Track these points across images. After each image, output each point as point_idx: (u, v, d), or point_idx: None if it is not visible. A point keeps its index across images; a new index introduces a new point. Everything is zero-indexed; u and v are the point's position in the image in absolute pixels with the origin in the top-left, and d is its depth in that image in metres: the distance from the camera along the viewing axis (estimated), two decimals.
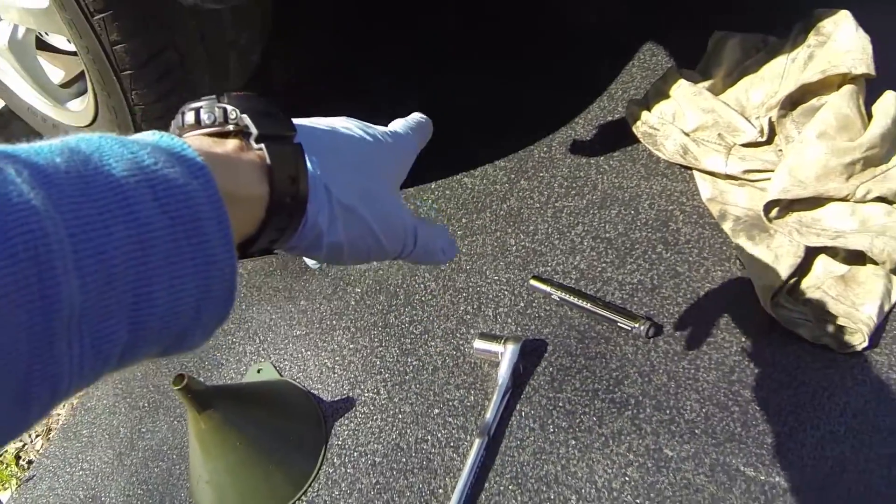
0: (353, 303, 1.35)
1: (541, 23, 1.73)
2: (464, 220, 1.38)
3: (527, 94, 1.59)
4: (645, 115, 1.38)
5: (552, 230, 1.35)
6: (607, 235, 1.33)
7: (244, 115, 0.47)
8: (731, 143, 1.34)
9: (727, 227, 1.31)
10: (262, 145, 0.47)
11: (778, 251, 1.24)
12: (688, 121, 1.36)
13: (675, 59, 1.57)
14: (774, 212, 1.24)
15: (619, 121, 1.47)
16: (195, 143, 0.43)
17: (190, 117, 0.48)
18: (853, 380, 1.19)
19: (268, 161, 0.47)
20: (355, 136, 0.59)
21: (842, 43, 1.29)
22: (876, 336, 1.21)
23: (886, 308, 1.22)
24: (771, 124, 1.30)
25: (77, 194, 0.34)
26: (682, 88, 1.37)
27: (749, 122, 1.34)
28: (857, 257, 1.23)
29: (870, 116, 1.28)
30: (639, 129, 1.38)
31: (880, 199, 1.23)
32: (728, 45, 1.45)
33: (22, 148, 0.35)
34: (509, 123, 1.53)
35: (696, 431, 1.16)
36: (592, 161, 1.43)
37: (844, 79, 1.28)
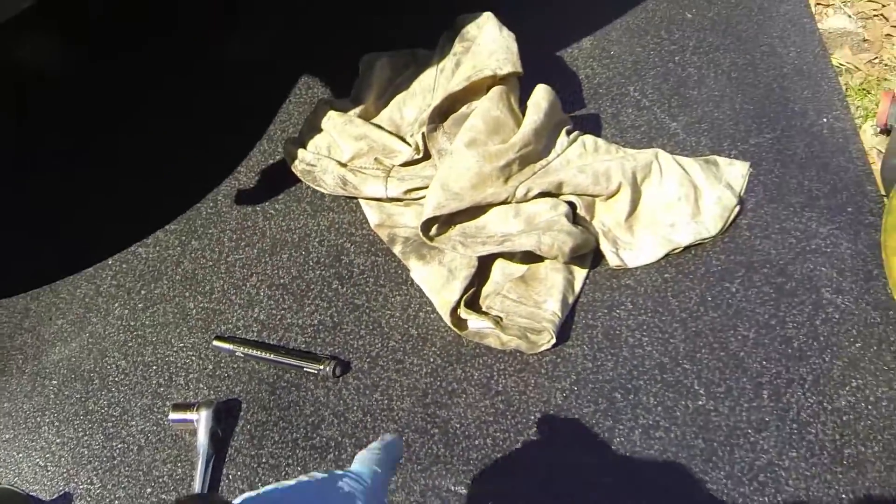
0: (52, 396, 1.27)
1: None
2: (143, 292, 1.32)
3: (184, 148, 1.52)
4: (301, 152, 1.34)
5: (228, 286, 1.31)
6: (282, 281, 1.29)
7: None
8: (389, 165, 1.31)
9: (397, 250, 1.27)
10: None
11: (451, 265, 1.21)
12: (343, 151, 1.33)
13: (331, 89, 1.55)
14: (434, 229, 1.21)
15: (280, 162, 1.43)
16: None
17: None
18: (549, 378, 1.17)
19: None
20: None
21: (485, 46, 1.29)
22: (566, 329, 1.20)
23: (571, 299, 1.21)
24: (425, 139, 1.28)
25: None
26: (332, 120, 1.34)
27: (404, 140, 1.32)
28: (534, 256, 1.22)
29: (523, 114, 1.28)
30: (297, 167, 1.34)
31: (544, 194, 1.23)
32: (377, 65, 1.43)
33: None
34: (173, 185, 1.48)
35: (400, 461, 1.11)
36: (259, 208, 1.38)
37: (494, 81, 1.27)
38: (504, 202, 1.21)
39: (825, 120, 1.38)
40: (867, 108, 1.40)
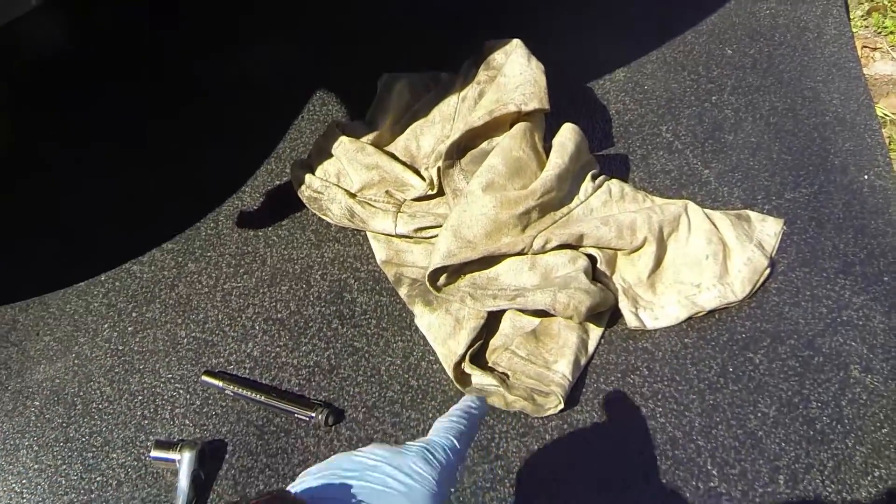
0: (33, 418, 1.21)
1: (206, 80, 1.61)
2: (134, 314, 1.26)
3: (186, 163, 1.45)
4: (308, 178, 1.26)
5: (223, 316, 1.24)
6: (279, 316, 1.22)
7: None
8: (401, 199, 1.23)
9: (403, 293, 1.19)
10: None
11: (458, 314, 1.14)
12: (352, 180, 1.25)
13: (346, 106, 1.47)
14: (443, 279, 1.13)
15: (287, 185, 1.36)
16: None
17: None
18: (554, 445, 1.10)
19: None
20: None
21: (512, 77, 1.21)
22: (575, 392, 1.13)
23: (583, 361, 1.14)
24: (440, 175, 1.20)
25: None
26: (343, 145, 1.25)
27: (418, 173, 1.24)
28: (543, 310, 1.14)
29: (547, 153, 1.20)
30: (303, 193, 1.25)
31: (563, 245, 1.16)
32: (396, 88, 1.34)
33: None
34: (173, 200, 1.40)
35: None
36: (261, 233, 1.30)
37: (518, 116, 1.20)
38: (520, 253, 1.14)
39: (866, 177, 1.29)
40: None
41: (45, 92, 1.63)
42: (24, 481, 1.18)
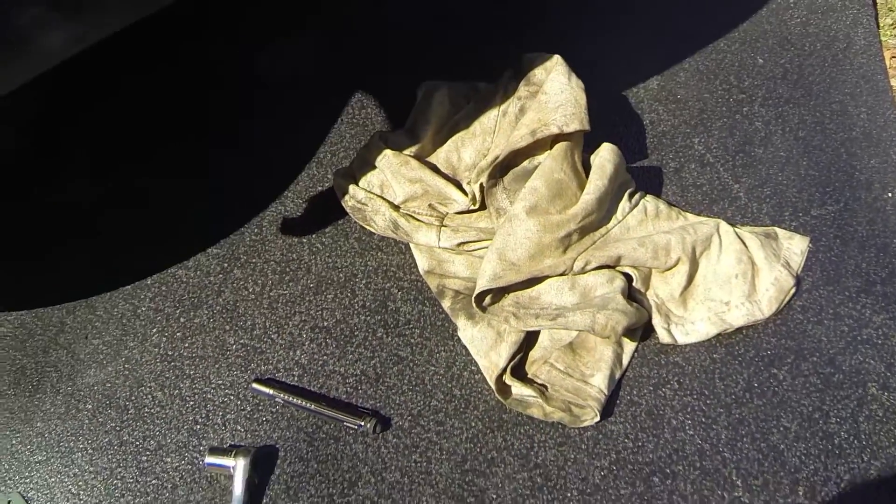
0: (86, 421, 1.26)
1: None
2: (182, 320, 1.29)
3: (229, 166, 1.46)
4: (352, 188, 1.29)
5: (270, 323, 1.28)
6: (326, 324, 1.27)
7: None
8: (443, 212, 1.27)
9: (446, 305, 1.25)
10: None
11: (500, 328, 1.19)
12: (396, 193, 1.29)
13: (383, 110, 1.49)
14: (488, 299, 1.18)
15: (329, 191, 1.38)
16: None
17: None
18: (589, 455, 1.17)
19: None
20: None
21: (553, 96, 1.23)
22: (609, 404, 1.19)
23: (618, 375, 1.20)
24: (482, 191, 1.24)
25: None
26: (387, 158, 1.28)
27: (461, 187, 1.28)
28: None
29: (588, 170, 1.24)
30: (347, 203, 1.29)
31: (600, 266, 1.20)
32: (436, 97, 1.37)
33: None
34: (216, 204, 1.42)
35: None
36: (305, 241, 1.34)
37: (559, 136, 1.23)
38: (561, 274, 1.18)
39: (889, 195, 1.34)
40: None
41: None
42: (80, 483, 1.24)
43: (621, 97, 1.45)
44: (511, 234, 1.17)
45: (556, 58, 1.28)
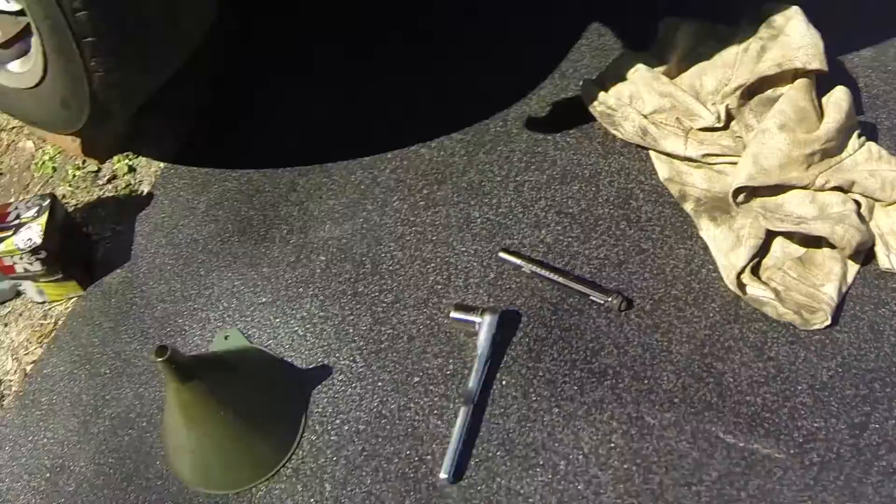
0: (318, 271, 1.29)
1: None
2: (424, 191, 1.34)
3: (473, 59, 1.57)
4: (602, 95, 1.39)
5: (515, 204, 1.34)
6: (570, 210, 1.34)
7: None
8: (688, 126, 1.37)
9: (689, 207, 1.33)
10: None
11: (740, 232, 1.28)
12: (645, 104, 1.39)
13: (621, 41, 1.60)
14: (741, 197, 1.28)
15: (572, 99, 1.48)
16: None
17: None
18: (818, 355, 1.23)
19: None
20: None
21: (794, 38, 1.36)
22: (836, 314, 1.26)
23: (843, 290, 1.28)
24: (728, 111, 1.34)
25: None
26: (639, 72, 1.40)
27: (705, 107, 1.38)
28: (811, 240, 1.28)
29: (820, 109, 1.35)
30: (596, 108, 1.39)
31: (836, 188, 1.30)
32: (680, 31, 1.49)
33: None
34: (459, 97, 1.52)
35: (675, 401, 1.17)
36: (549, 138, 1.43)
37: (797, 72, 1.35)
38: (803, 187, 1.28)
39: None
40: None
41: None
42: (308, 326, 1.26)
43: (837, 62, 1.55)
44: (764, 144, 1.28)
45: (795, 8, 1.42)
